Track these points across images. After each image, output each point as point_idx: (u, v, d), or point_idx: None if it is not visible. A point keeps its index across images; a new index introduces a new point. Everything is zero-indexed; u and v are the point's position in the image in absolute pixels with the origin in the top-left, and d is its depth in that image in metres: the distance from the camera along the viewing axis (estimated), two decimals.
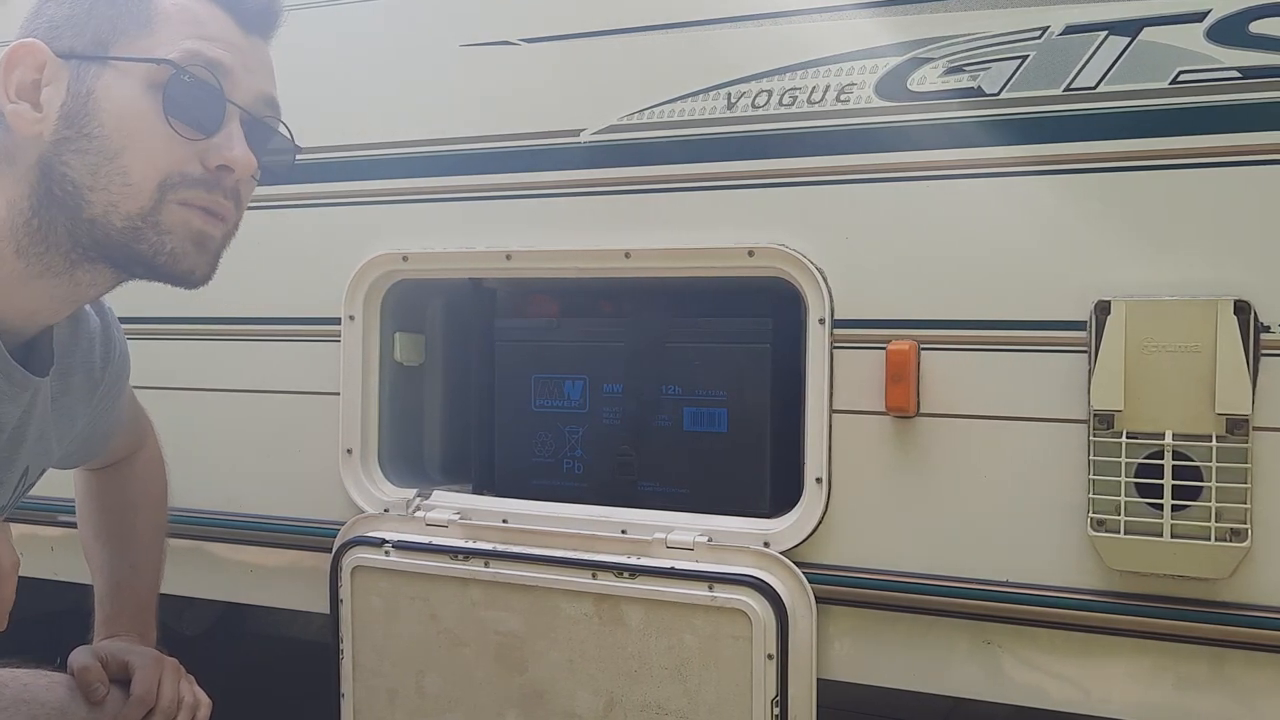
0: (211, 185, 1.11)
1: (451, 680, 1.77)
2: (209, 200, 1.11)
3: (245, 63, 1.13)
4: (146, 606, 1.48)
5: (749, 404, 1.74)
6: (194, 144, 1.09)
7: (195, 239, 1.11)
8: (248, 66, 1.14)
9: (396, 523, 1.84)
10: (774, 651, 1.56)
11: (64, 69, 1.09)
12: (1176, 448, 1.39)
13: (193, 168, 1.10)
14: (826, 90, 1.59)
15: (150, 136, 1.07)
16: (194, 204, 1.10)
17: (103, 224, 1.08)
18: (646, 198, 1.70)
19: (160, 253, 1.09)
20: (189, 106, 1.08)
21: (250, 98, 1.14)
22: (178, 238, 1.10)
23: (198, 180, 1.10)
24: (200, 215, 1.11)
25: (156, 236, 1.09)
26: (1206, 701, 1.43)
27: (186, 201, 1.10)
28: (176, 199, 1.09)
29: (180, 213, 1.09)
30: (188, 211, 1.10)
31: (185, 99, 1.08)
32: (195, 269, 1.13)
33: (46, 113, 1.08)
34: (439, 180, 1.83)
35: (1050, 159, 1.48)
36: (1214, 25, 1.40)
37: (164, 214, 1.09)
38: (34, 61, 1.09)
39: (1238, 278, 1.39)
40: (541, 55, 1.78)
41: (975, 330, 1.52)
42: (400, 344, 1.97)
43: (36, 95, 1.08)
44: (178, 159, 1.08)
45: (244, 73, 1.13)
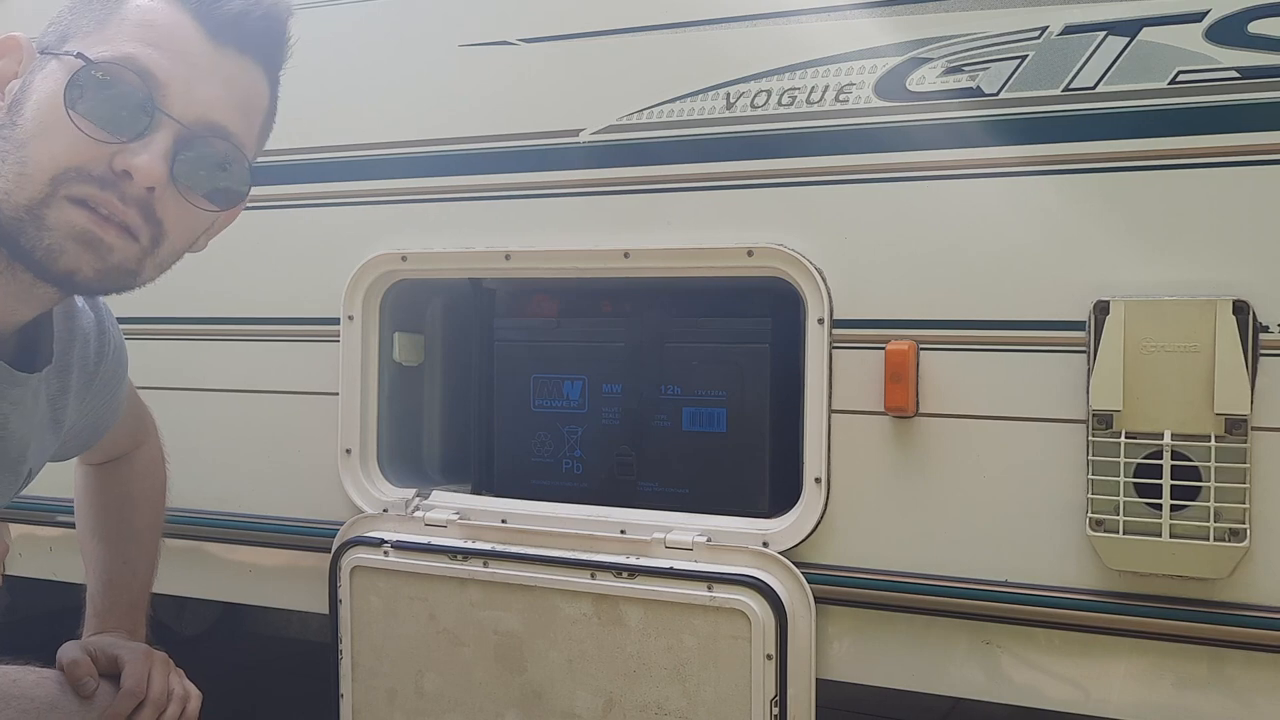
0: (107, 184, 1.04)
1: (450, 680, 1.77)
2: (101, 199, 1.04)
3: (197, 73, 1.07)
4: (138, 603, 1.48)
5: (748, 404, 1.75)
6: (105, 145, 1.04)
7: (79, 238, 1.04)
8: (199, 77, 1.07)
9: (395, 523, 1.83)
10: (773, 651, 1.56)
11: (33, 60, 1.09)
12: (1175, 448, 1.39)
13: (95, 166, 1.04)
14: (826, 90, 1.59)
15: (57, 129, 1.03)
16: (85, 202, 1.04)
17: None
18: (646, 198, 1.70)
19: (37, 248, 1.04)
20: (101, 106, 1.03)
21: (194, 113, 1.07)
22: (58, 235, 1.04)
23: (94, 178, 1.04)
24: (88, 215, 1.04)
25: (36, 231, 1.03)
26: (1206, 701, 1.43)
27: (77, 198, 1.04)
28: (68, 194, 1.03)
29: (68, 211, 1.04)
30: (75, 210, 1.04)
31: (96, 97, 1.03)
32: (79, 269, 1.06)
33: (5, 101, 1.07)
34: (438, 180, 1.83)
35: (1049, 159, 1.48)
36: (1213, 25, 1.40)
37: (50, 209, 1.03)
38: (16, 54, 1.09)
39: (1236, 278, 1.39)
40: (540, 55, 1.78)
41: (974, 330, 1.52)
42: (400, 344, 1.97)
43: (4, 84, 1.08)
44: (80, 155, 1.03)
45: (188, 86, 1.06)
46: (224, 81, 1.09)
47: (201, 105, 1.07)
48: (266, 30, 1.13)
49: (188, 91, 1.06)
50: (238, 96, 1.11)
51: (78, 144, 1.03)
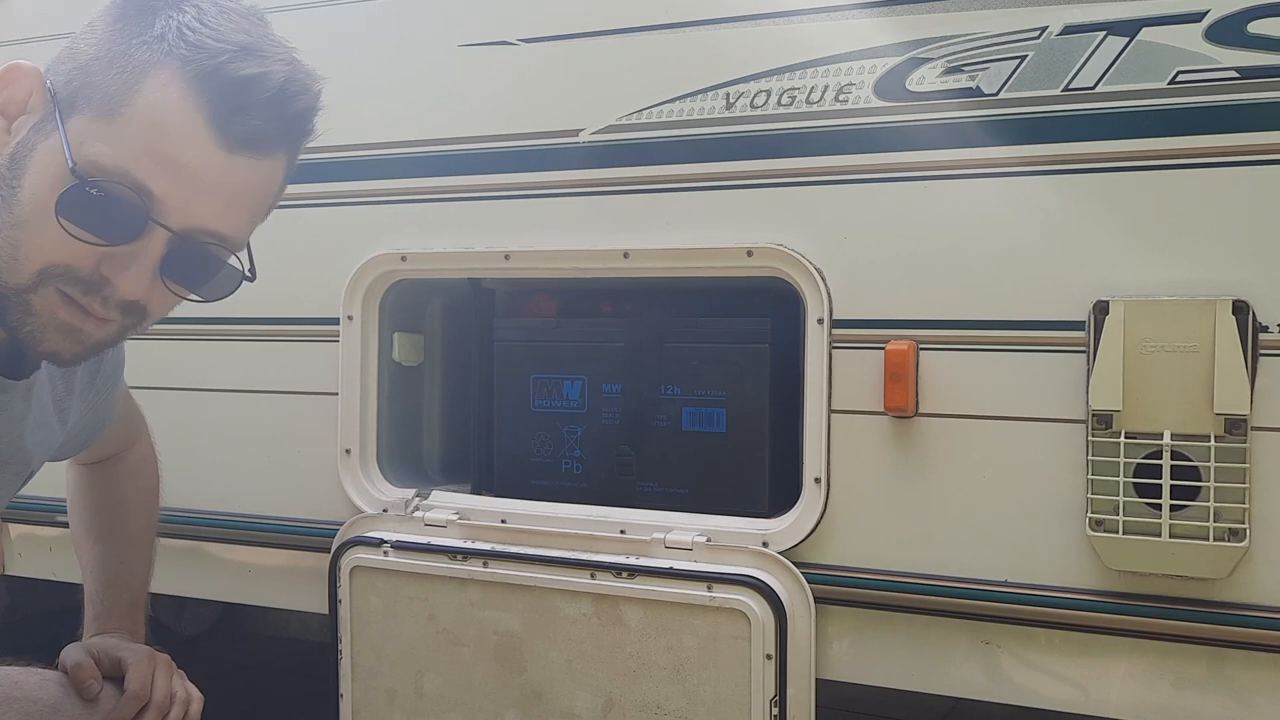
0: (92, 288, 1.04)
1: (450, 680, 1.76)
2: (85, 301, 1.04)
3: (199, 189, 1.03)
4: (137, 603, 1.48)
5: (748, 404, 1.75)
6: (94, 246, 1.02)
7: (60, 328, 1.05)
8: (202, 193, 1.03)
9: (395, 523, 1.83)
10: (773, 651, 1.56)
11: (43, 105, 1.04)
12: (1175, 448, 1.39)
13: (83, 265, 1.03)
14: (825, 90, 1.59)
15: (49, 224, 1.01)
16: (70, 297, 1.04)
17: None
18: (645, 198, 1.70)
19: (20, 329, 1.05)
20: (90, 215, 1.01)
21: (191, 224, 1.04)
22: (41, 321, 1.04)
23: (81, 279, 1.03)
24: (71, 309, 1.05)
25: (21, 314, 1.04)
26: (1205, 701, 1.43)
27: (63, 292, 1.04)
28: (55, 286, 1.03)
29: (54, 300, 1.04)
30: (61, 301, 1.04)
31: (86, 208, 1.00)
32: (60, 352, 1.08)
33: (12, 137, 1.04)
34: (438, 180, 1.83)
35: (1049, 159, 1.48)
36: (1212, 25, 1.40)
37: (37, 296, 1.03)
38: (26, 84, 1.04)
39: (1236, 278, 1.39)
40: (540, 55, 1.78)
41: (974, 330, 1.52)
42: (399, 344, 1.97)
43: (15, 118, 1.04)
44: (69, 255, 1.02)
45: (190, 201, 1.03)
46: (229, 193, 1.06)
47: (200, 218, 1.04)
48: (289, 132, 1.09)
49: (186, 206, 1.03)
50: (243, 202, 1.08)
51: (67, 243, 1.01)
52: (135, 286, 1.04)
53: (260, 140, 1.05)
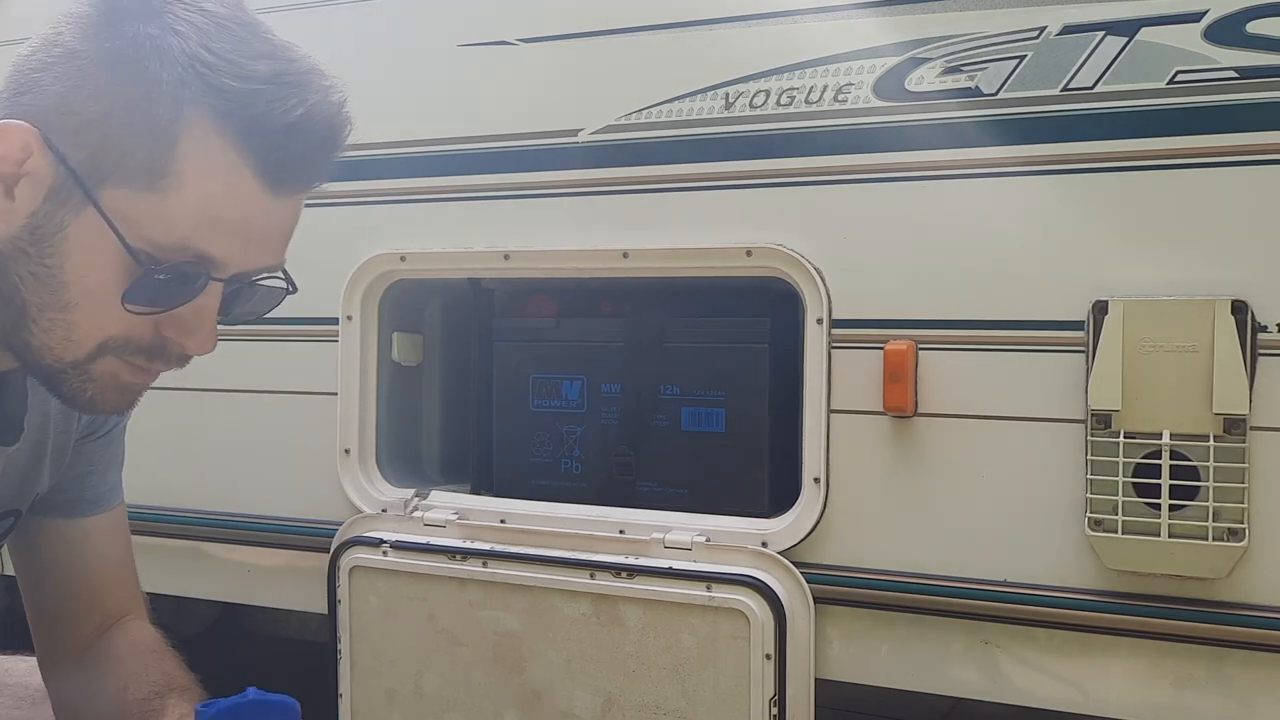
0: (155, 354, 1.02)
1: (449, 680, 1.76)
2: (148, 365, 1.02)
3: (251, 240, 0.99)
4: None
5: (747, 404, 1.74)
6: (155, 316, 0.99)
7: (120, 389, 1.03)
8: (254, 243, 1.00)
9: (394, 523, 1.83)
10: (772, 651, 1.56)
11: (50, 171, 0.94)
12: (1174, 447, 1.39)
13: (142, 333, 1.00)
14: (824, 90, 1.59)
15: (106, 303, 0.97)
16: (131, 362, 1.01)
17: (36, 354, 1.00)
18: (644, 198, 1.70)
19: (79, 396, 1.02)
20: (155, 293, 0.97)
21: (244, 269, 1.01)
22: (100, 386, 1.02)
23: (142, 347, 1.00)
24: (133, 371, 1.02)
25: (80, 383, 1.01)
26: (1204, 701, 1.43)
27: (123, 359, 1.01)
28: (114, 355, 1.00)
29: (114, 365, 1.01)
30: (120, 365, 1.01)
31: (152, 289, 0.96)
32: (116, 409, 1.06)
33: (17, 207, 0.96)
34: (437, 180, 1.83)
35: (1048, 159, 1.48)
36: (1211, 25, 1.40)
37: (96, 365, 1.00)
38: (19, 142, 0.95)
39: (1235, 277, 1.39)
40: (539, 55, 1.78)
41: (973, 330, 1.52)
42: (399, 344, 1.97)
43: (14, 182, 0.95)
44: (128, 325, 0.99)
45: (244, 253, 0.99)
46: (279, 231, 1.02)
47: (255, 264, 1.02)
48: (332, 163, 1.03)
49: (244, 259, 1.00)
50: (288, 232, 1.05)
51: (124, 318, 0.98)
52: (204, 343, 1.02)
53: (309, 182, 1.01)
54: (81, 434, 1.29)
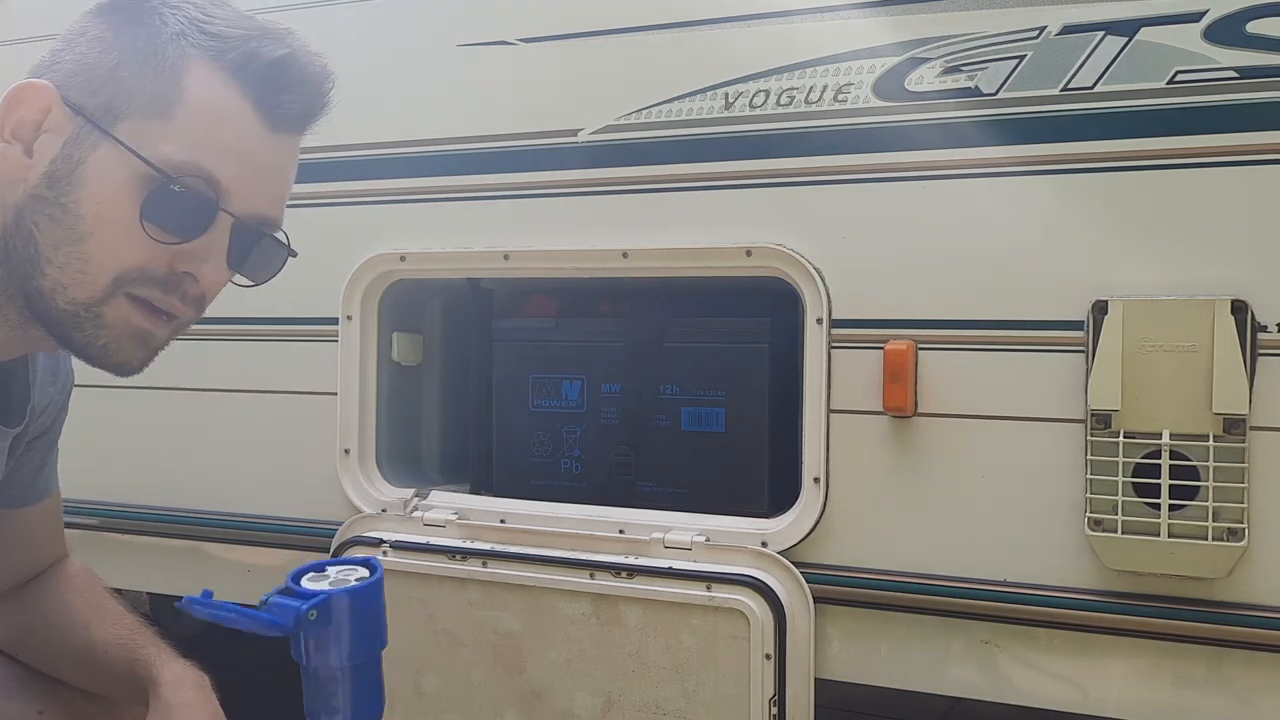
0: (170, 287, 1.05)
1: (449, 680, 1.76)
2: (164, 300, 1.06)
3: (256, 173, 1.06)
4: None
5: (747, 404, 1.74)
6: (169, 245, 1.03)
7: (135, 335, 1.06)
8: (258, 177, 1.07)
9: (394, 523, 1.83)
10: (772, 651, 1.56)
11: (68, 121, 1.02)
12: (1174, 447, 1.39)
13: (158, 266, 1.04)
14: (824, 90, 1.59)
15: (122, 230, 1.01)
16: (145, 300, 1.05)
17: (48, 298, 1.03)
18: (644, 198, 1.70)
19: (93, 344, 1.05)
20: (171, 213, 1.02)
21: (250, 209, 1.07)
22: (115, 333, 1.05)
23: (157, 279, 1.04)
24: (146, 313, 1.05)
25: (94, 329, 1.04)
26: (1204, 701, 1.43)
27: (138, 296, 1.04)
28: (129, 292, 1.04)
29: (126, 308, 1.04)
30: (134, 307, 1.04)
31: (168, 207, 1.02)
32: (129, 362, 1.08)
33: (36, 161, 1.02)
34: (437, 180, 1.83)
35: (1047, 159, 1.48)
36: (1211, 25, 1.40)
37: (109, 307, 1.03)
38: (40, 103, 1.03)
39: (1235, 277, 1.39)
40: (539, 55, 1.78)
41: (973, 330, 1.52)
42: (398, 344, 1.96)
43: (33, 140, 1.03)
44: (144, 256, 1.03)
45: (250, 186, 1.06)
46: (279, 175, 1.10)
47: (259, 204, 1.08)
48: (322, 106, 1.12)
49: (248, 193, 1.06)
50: (286, 180, 1.12)
51: (142, 245, 1.02)
52: (219, 275, 1.07)
53: (302, 118, 1.09)
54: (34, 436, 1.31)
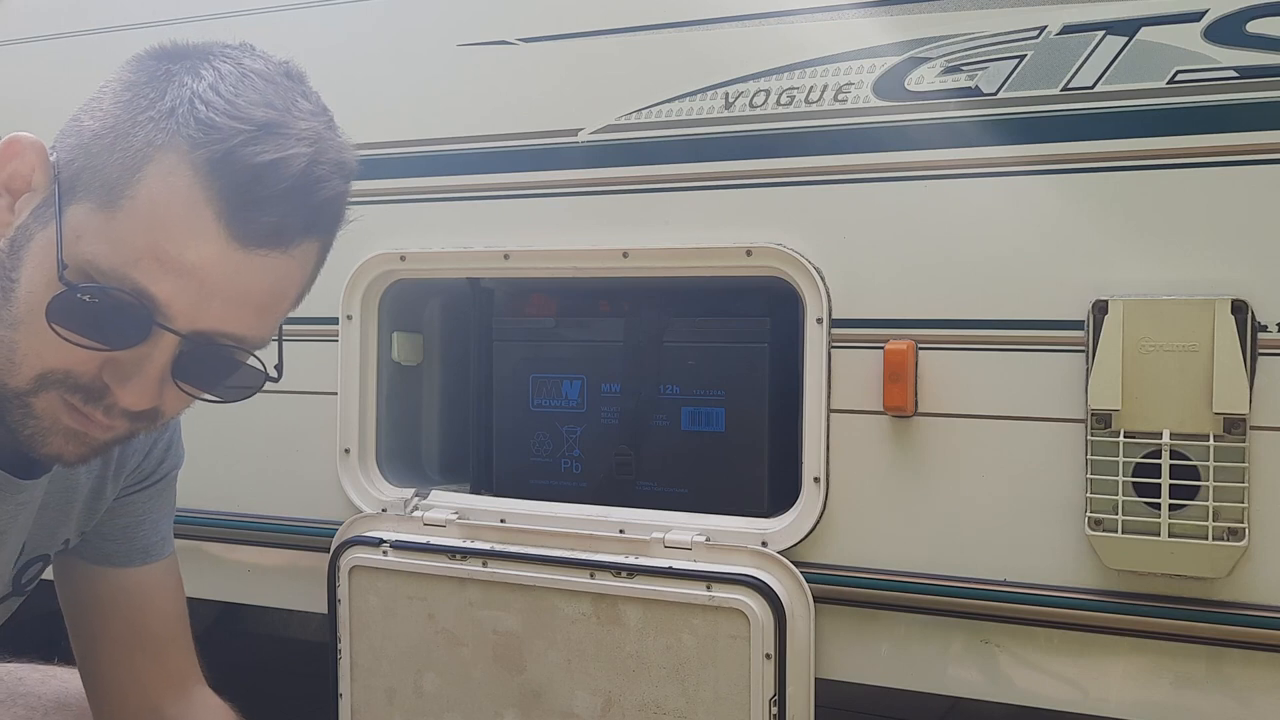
0: (94, 397, 0.94)
1: (449, 680, 1.76)
2: (86, 411, 0.95)
3: (206, 291, 0.91)
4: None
5: (747, 403, 1.74)
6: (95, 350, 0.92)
7: (66, 431, 0.96)
8: (210, 296, 0.91)
9: (394, 522, 1.83)
10: (772, 651, 1.56)
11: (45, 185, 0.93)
12: (1174, 447, 1.39)
13: (84, 371, 0.93)
14: (824, 90, 1.59)
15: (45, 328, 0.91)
16: (69, 402, 0.95)
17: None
18: (644, 197, 1.70)
19: (21, 431, 0.96)
20: (85, 320, 0.90)
21: (202, 327, 0.93)
22: (40, 425, 0.95)
23: (81, 386, 0.94)
24: (75, 415, 0.96)
25: (22, 416, 0.95)
26: (1204, 700, 1.43)
27: (63, 396, 0.95)
28: (55, 392, 0.94)
29: (56, 404, 0.95)
30: (63, 407, 0.95)
31: (80, 313, 0.90)
32: (63, 454, 0.99)
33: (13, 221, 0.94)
34: (436, 180, 1.83)
35: (1048, 158, 1.48)
36: (1211, 25, 1.40)
37: (38, 400, 0.94)
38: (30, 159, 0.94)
39: (1235, 277, 1.39)
40: (539, 55, 1.78)
41: (973, 330, 1.52)
42: (398, 344, 1.96)
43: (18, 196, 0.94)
44: (70, 359, 0.92)
45: (197, 304, 0.91)
46: (244, 293, 0.94)
47: (211, 321, 0.93)
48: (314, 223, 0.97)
49: (194, 310, 0.92)
50: (262, 300, 0.96)
51: (64, 348, 0.92)
52: (138, 398, 0.94)
53: (278, 236, 0.92)
54: (127, 484, 1.25)
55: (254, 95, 0.92)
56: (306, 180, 0.92)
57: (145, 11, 2.06)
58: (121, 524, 1.27)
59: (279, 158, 0.90)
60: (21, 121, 1.02)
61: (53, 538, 1.19)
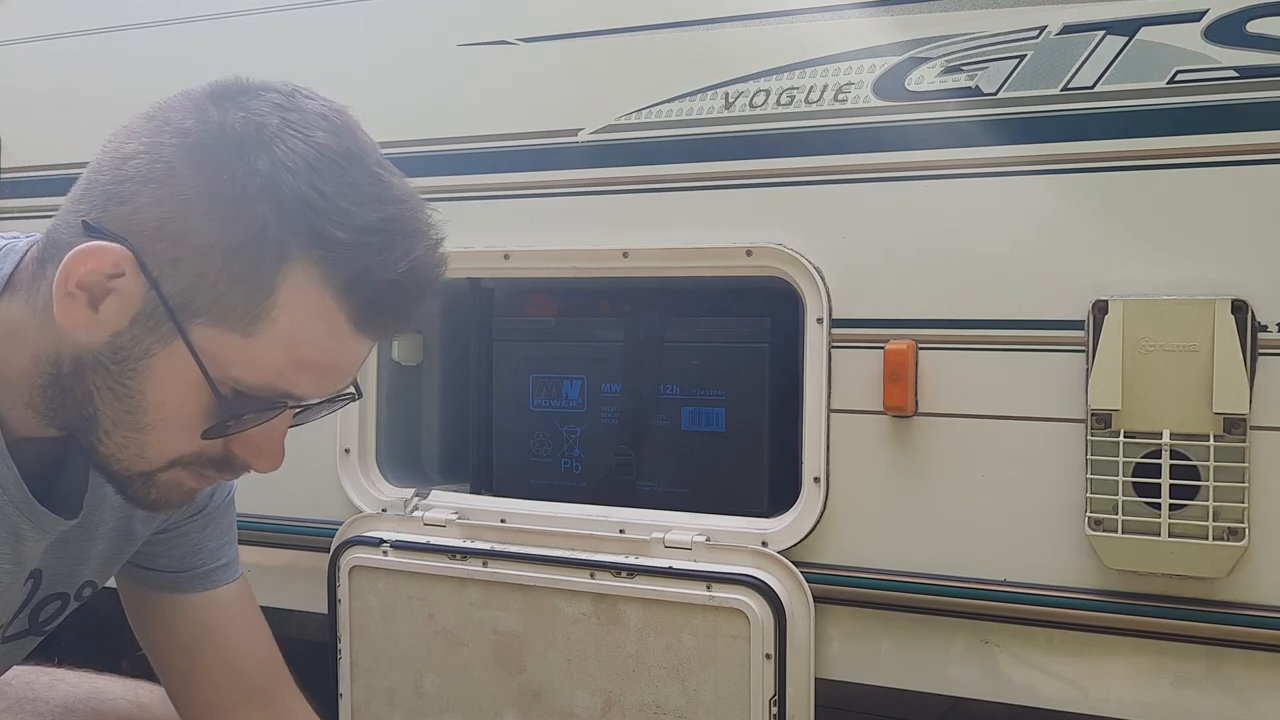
0: (224, 467, 1.00)
1: (449, 680, 1.76)
2: (215, 477, 1.01)
3: (335, 375, 0.98)
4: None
5: (747, 403, 1.74)
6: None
7: (184, 493, 1.02)
8: (336, 377, 0.98)
9: (394, 522, 1.83)
10: (772, 651, 1.56)
11: (141, 295, 0.91)
12: (1174, 447, 1.39)
13: (214, 451, 0.98)
14: (824, 90, 1.59)
15: (183, 430, 0.95)
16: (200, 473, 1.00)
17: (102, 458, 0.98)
18: (644, 197, 1.70)
19: (144, 500, 1.01)
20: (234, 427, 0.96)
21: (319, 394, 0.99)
22: (164, 491, 1.00)
23: (212, 461, 0.99)
24: (197, 479, 1.01)
25: (144, 488, 1.00)
26: (1204, 700, 1.43)
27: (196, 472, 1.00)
28: (183, 468, 0.99)
29: (180, 474, 1.00)
30: (188, 474, 1.00)
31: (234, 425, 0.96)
32: (167, 508, 1.05)
33: (101, 320, 0.92)
34: (437, 180, 1.83)
35: (1048, 158, 1.48)
36: (1211, 25, 1.40)
37: (165, 474, 0.99)
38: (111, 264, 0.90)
39: (1235, 277, 1.39)
40: (539, 55, 1.78)
41: (973, 330, 1.52)
42: (398, 344, 1.96)
43: (100, 298, 0.92)
44: (203, 446, 0.97)
45: (324, 386, 0.98)
46: (353, 365, 0.99)
47: (329, 389, 1.00)
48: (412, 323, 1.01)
49: (321, 391, 0.98)
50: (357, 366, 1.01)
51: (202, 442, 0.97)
52: (272, 463, 1.00)
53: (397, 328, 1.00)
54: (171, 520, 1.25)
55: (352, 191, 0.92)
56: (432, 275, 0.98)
57: (145, 11, 2.06)
58: (179, 553, 1.26)
59: (409, 268, 0.93)
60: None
61: (72, 576, 1.18)
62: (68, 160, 1.99)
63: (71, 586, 1.19)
